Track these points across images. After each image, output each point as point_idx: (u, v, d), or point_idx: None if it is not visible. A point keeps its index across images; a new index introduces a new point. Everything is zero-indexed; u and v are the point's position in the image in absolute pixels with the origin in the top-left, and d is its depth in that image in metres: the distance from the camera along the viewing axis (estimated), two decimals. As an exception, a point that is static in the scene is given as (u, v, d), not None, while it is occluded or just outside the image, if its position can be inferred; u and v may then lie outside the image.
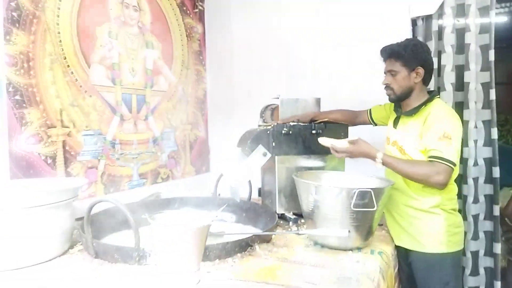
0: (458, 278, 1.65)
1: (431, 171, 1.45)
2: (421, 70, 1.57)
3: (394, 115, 1.73)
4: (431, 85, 2.21)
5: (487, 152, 2.17)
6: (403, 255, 1.64)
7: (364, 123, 1.95)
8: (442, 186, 1.47)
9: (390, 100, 1.68)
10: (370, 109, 1.93)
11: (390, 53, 1.61)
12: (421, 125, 1.55)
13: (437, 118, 1.52)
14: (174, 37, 2.56)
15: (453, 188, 1.60)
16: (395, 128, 1.69)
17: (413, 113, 1.59)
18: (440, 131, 1.47)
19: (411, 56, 1.57)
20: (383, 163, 1.51)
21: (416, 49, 1.59)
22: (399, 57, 1.58)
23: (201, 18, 2.88)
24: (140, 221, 1.23)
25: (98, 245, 1.28)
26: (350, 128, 1.92)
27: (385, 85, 1.65)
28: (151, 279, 1.09)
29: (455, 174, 1.56)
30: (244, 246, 1.34)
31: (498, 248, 2.15)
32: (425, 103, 1.59)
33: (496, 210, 2.15)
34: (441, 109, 1.56)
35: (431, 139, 1.49)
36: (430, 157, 1.47)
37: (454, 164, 1.45)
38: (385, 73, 1.65)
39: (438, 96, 1.68)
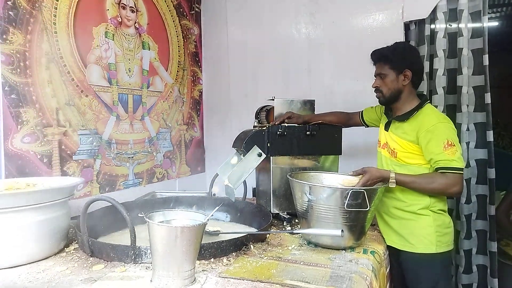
0: (448, 278, 1.68)
1: (446, 184, 1.48)
2: (409, 73, 1.58)
3: (385, 119, 1.75)
4: (423, 88, 2.25)
5: (479, 154, 2.21)
6: (394, 255, 1.66)
7: (356, 124, 1.98)
8: (459, 195, 1.49)
9: (380, 102, 1.71)
10: (362, 111, 1.96)
11: (379, 56, 1.64)
12: (415, 132, 1.55)
13: (436, 128, 1.52)
14: (170, 38, 2.57)
15: None
16: (387, 131, 1.71)
17: (405, 119, 1.61)
18: (443, 140, 1.49)
19: (398, 59, 1.59)
20: (397, 183, 1.50)
21: (404, 52, 1.61)
22: (387, 60, 1.60)
23: (197, 19, 2.90)
24: (136, 220, 1.24)
25: (93, 243, 1.28)
26: (344, 130, 1.95)
27: (374, 88, 1.67)
28: (146, 278, 1.10)
29: None
30: (239, 245, 1.35)
31: (494, 246, 2.16)
32: (416, 109, 1.60)
33: (492, 210, 2.18)
34: (434, 116, 1.57)
35: (436, 150, 1.49)
36: (440, 168, 1.49)
37: (462, 169, 1.49)
38: (375, 76, 1.67)
39: (429, 101, 1.69)
